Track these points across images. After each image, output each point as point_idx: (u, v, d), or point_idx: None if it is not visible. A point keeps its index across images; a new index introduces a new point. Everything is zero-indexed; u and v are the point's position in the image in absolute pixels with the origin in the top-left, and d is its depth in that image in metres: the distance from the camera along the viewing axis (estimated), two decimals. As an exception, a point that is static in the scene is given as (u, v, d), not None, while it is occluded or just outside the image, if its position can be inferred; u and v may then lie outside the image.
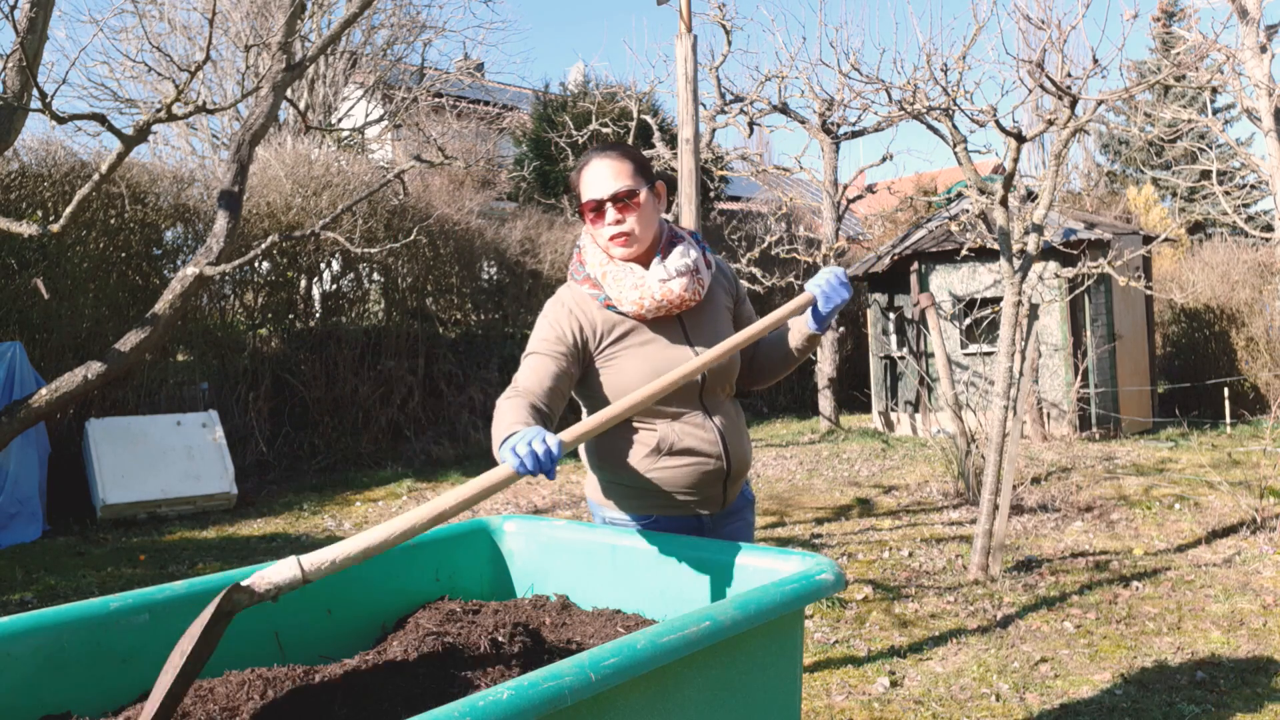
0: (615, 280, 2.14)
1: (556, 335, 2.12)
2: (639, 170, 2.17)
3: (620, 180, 2.14)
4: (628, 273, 2.14)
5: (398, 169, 6.74)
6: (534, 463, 1.70)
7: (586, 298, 2.17)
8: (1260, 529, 5.94)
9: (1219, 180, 12.01)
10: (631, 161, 2.17)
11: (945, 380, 7.40)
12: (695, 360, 2.00)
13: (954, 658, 4.02)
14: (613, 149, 2.20)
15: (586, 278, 2.18)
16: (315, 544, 6.45)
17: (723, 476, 2.19)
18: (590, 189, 2.16)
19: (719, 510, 2.24)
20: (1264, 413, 11.76)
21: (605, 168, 2.15)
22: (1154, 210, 20.68)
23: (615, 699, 1.43)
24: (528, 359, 2.12)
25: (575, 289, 2.20)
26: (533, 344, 2.14)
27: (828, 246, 12.16)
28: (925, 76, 6.15)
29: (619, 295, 2.13)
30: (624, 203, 2.14)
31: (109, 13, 18.91)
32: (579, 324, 2.14)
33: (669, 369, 2.04)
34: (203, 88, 14.27)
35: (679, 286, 2.12)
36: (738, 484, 2.27)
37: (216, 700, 1.57)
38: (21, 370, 6.79)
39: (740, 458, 2.23)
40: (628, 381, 2.10)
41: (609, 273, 2.15)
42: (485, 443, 10.49)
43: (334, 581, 2.02)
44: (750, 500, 2.40)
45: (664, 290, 2.11)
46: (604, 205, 2.14)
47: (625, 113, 12.24)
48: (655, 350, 2.14)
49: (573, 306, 2.16)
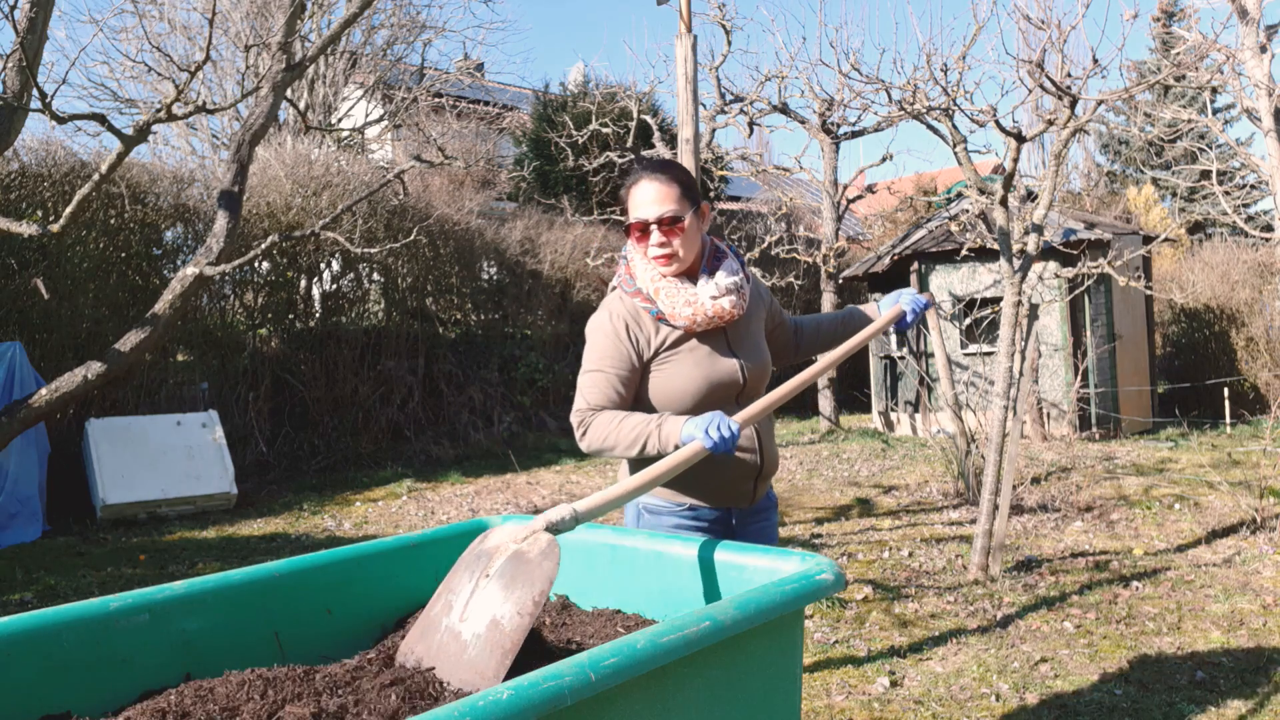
0: (669, 296, 2.26)
1: (619, 351, 2.26)
2: (685, 193, 2.28)
3: (666, 205, 2.25)
4: (680, 290, 2.27)
5: (398, 169, 6.74)
6: (724, 442, 2.00)
7: (640, 310, 2.29)
8: (1260, 529, 5.94)
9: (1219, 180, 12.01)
10: (679, 185, 2.28)
11: (945, 380, 7.40)
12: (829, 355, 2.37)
13: (954, 658, 4.02)
14: (662, 170, 2.30)
15: (638, 291, 2.30)
16: (315, 544, 6.45)
17: (755, 474, 2.36)
18: (637, 209, 2.27)
19: (748, 506, 2.40)
20: (1264, 413, 11.76)
21: (653, 190, 2.26)
22: (1154, 210, 20.68)
23: (615, 699, 1.43)
24: (593, 375, 2.26)
25: (627, 301, 2.31)
26: (594, 361, 2.27)
27: (828, 246, 12.16)
28: (925, 76, 6.15)
29: (672, 310, 2.25)
30: (669, 227, 2.25)
31: (109, 13, 18.91)
32: (635, 337, 2.27)
33: (716, 377, 2.27)
34: (203, 88, 14.27)
35: (728, 303, 2.28)
36: (766, 483, 2.43)
37: (216, 700, 1.57)
38: (21, 370, 6.79)
39: (771, 458, 2.41)
40: (676, 387, 2.26)
41: (662, 289, 2.27)
42: (485, 442, 10.50)
43: (334, 581, 2.02)
44: (774, 501, 2.55)
45: (715, 306, 2.26)
46: (649, 226, 2.26)
47: (625, 113, 12.24)
48: (703, 358, 2.28)
49: (628, 320, 2.28)
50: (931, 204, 13.92)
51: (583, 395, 2.25)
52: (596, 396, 2.23)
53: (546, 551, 1.72)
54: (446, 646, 1.68)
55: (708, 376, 2.27)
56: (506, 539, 1.79)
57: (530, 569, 1.69)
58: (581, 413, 2.24)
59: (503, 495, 8.09)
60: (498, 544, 1.79)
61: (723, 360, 2.30)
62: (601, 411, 2.21)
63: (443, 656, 1.67)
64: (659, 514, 2.35)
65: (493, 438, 10.64)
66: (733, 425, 2.04)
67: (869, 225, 19.49)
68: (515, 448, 10.32)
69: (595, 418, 2.20)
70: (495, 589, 1.69)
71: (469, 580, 1.75)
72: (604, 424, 2.18)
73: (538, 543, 1.74)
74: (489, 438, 10.62)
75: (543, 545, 1.73)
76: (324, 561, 2.03)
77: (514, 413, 11.23)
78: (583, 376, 2.28)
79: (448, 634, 1.70)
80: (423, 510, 7.64)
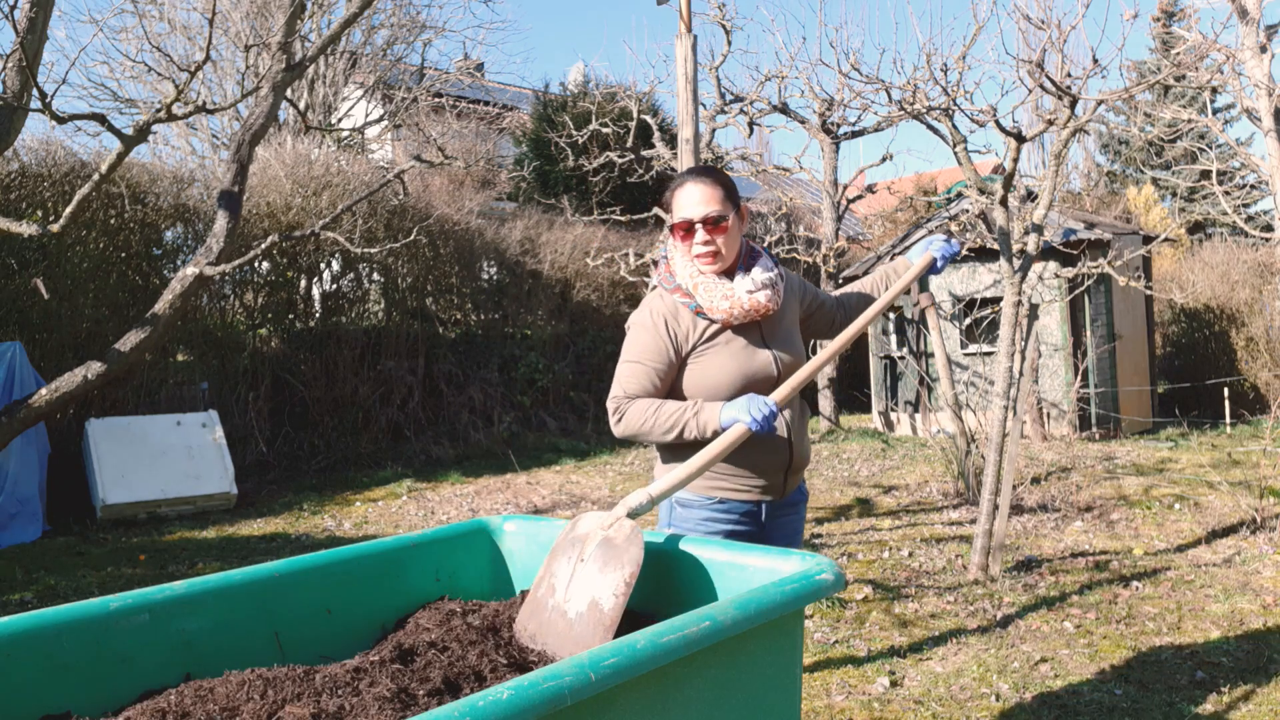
0: (707, 291, 2.39)
1: (659, 345, 2.38)
2: (728, 196, 2.43)
3: (711, 205, 2.39)
4: (718, 285, 2.40)
5: (398, 169, 6.74)
6: (766, 421, 2.18)
7: (679, 305, 2.41)
8: (1260, 529, 5.94)
9: (1219, 180, 12.01)
10: (722, 188, 2.42)
11: (945, 380, 7.40)
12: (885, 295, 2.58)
13: (954, 658, 4.02)
14: (706, 174, 2.45)
15: (677, 287, 2.42)
16: (315, 544, 6.45)
17: (785, 465, 2.45)
18: (683, 209, 2.41)
19: (779, 499, 2.48)
20: (1264, 413, 11.75)
21: (699, 192, 2.40)
22: (1154, 210, 20.68)
23: (615, 699, 1.43)
24: (632, 366, 2.39)
25: (668, 298, 2.43)
26: (634, 353, 2.40)
27: (828, 246, 12.16)
28: (925, 76, 6.15)
29: (710, 304, 2.38)
30: (714, 226, 2.39)
31: (109, 13, 18.90)
32: (674, 332, 2.39)
33: (751, 369, 2.38)
34: (203, 88, 14.26)
35: (764, 297, 2.40)
36: (797, 476, 2.52)
37: (216, 700, 1.57)
38: (21, 370, 6.79)
39: (802, 451, 2.49)
40: (712, 379, 2.37)
41: (700, 284, 2.40)
42: (485, 442, 10.50)
43: (334, 581, 2.02)
44: (804, 495, 2.65)
45: (751, 300, 2.39)
46: (694, 226, 2.39)
47: (625, 113, 12.24)
48: (739, 350, 2.40)
49: (668, 316, 2.40)
50: (931, 204, 13.92)
51: (620, 384, 2.38)
52: (633, 386, 2.36)
53: (631, 537, 1.94)
54: (555, 624, 1.91)
55: (743, 368, 2.37)
56: (595, 526, 2.01)
57: (619, 554, 1.92)
58: (618, 399, 2.36)
59: (503, 495, 8.09)
60: (588, 531, 2.01)
61: (758, 353, 2.41)
62: (637, 399, 2.34)
63: (552, 633, 1.90)
64: (690, 507, 2.42)
65: (493, 438, 10.64)
66: (770, 403, 2.20)
67: (869, 225, 19.49)
68: (515, 448, 10.32)
69: (631, 405, 2.34)
70: (592, 572, 1.93)
71: (567, 564, 1.98)
72: (640, 410, 2.32)
73: (622, 529, 1.96)
74: (489, 438, 10.62)
75: (627, 531, 1.95)
76: (324, 561, 2.03)
77: (514, 413, 11.23)
78: (621, 366, 2.40)
79: (555, 612, 1.92)
80: (423, 510, 7.64)
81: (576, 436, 11.28)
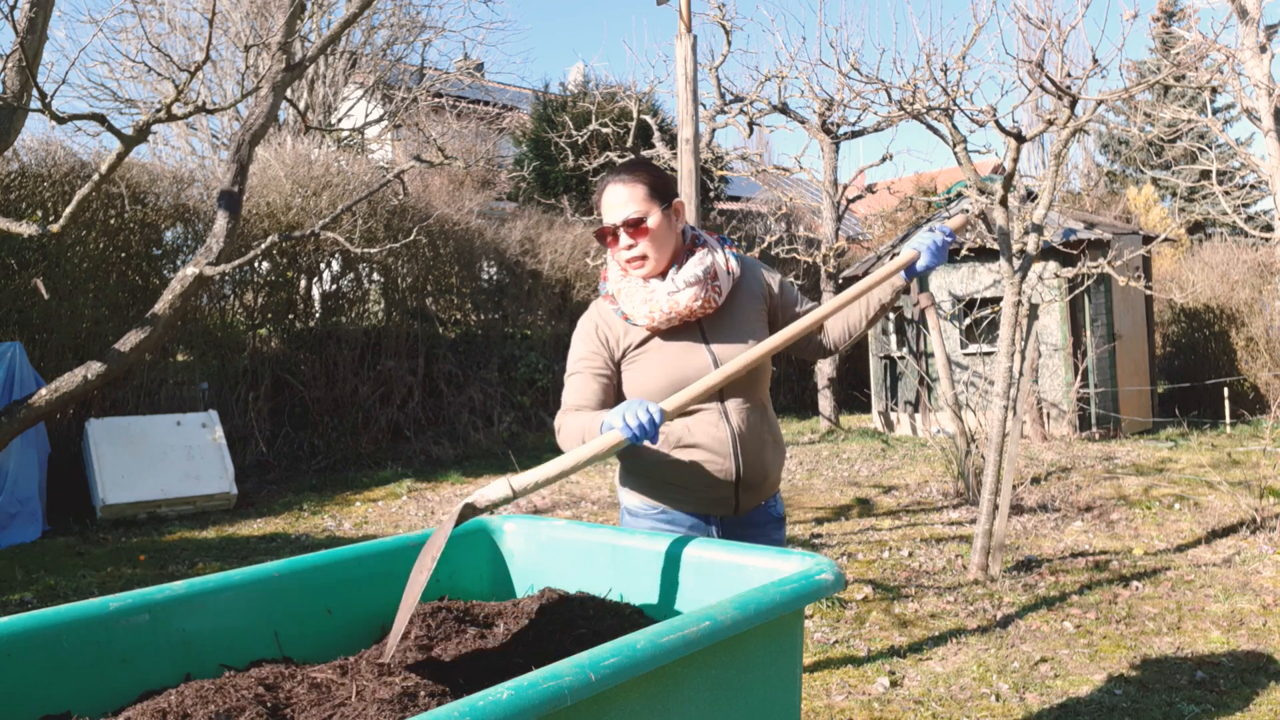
0: (627, 296, 2.25)
1: (591, 350, 2.26)
2: (652, 193, 2.22)
3: (630, 206, 2.21)
4: (638, 289, 2.24)
5: (398, 169, 6.74)
6: (641, 430, 1.88)
7: (609, 312, 2.29)
8: (1260, 529, 5.94)
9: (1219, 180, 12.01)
10: (644, 185, 2.22)
11: (945, 380, 7.40)
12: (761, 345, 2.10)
13: (954, 658, 4.02)
14: (626, 172, 2.25)
15: (608, 294, 2.30)
16: (315, 544, 6.45)
17: (732, 480, 2.24)
18: (605, 214, 2.24)
19: (730, 515, 2.30)
20: (1264, 413, 11.75)
21: (617, 193, 2.22)
22: (1154, 210, 20.68)
23: (615, 699, 1.43)
24: (571, 379, 2.27)
25: (601, 304, 2.32)
26: (572, 364, 2.29)
27: (827, 246, 12.16)
28: (925, 76, 6.15)
29: (631, 310, 2.24)
30: (634, 229, 2.21)
31: (109, 13, 18.90)
32: (605, 337, 2.27)
33: (685, 372, 2.18)
34: (203, 88, 14.26)
35: (687, 298, 2.20)
36: (754, 493, 2.30)
37: (216, 700, 1.57)
38: (21, 370, 6.79)
39: (755, 466, 2.26)
40: (644, 386, 2.22)
41: (622, 289, 2.26)
42: (485, 442, 10.50)
43: (334, 581, 2.02)
44: (777, 517, 2.40)
45: (670, 303, 2.19)
46: (618, 230, 2.22)
47: (625, 113, 12.24)
48: (671, 356, 2.23)
49: (599, 322, 2.29)
50: (931, 204, 13.92)
51: (563, 398, 2.27)
52: (571, 396, 2.24)
53: (443, 525, 1.84)
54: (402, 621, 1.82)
55: (673, 374, 2.19)
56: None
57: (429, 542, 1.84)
58: (559, 416, 2.22)
59: (503, 495, 8.08)
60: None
61: (695, 353, 2.22)
62: (571, 412, 2.18)
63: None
64: (637, 516, 2.33)
65: (493, 438, 10.64)
66: (653, 410, 1.90)
67: (869, 225, 19.49)
68: (515, 448, 10.32)
69: (565, 420, 2.17)
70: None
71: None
72: (569, 427, 2.14)
73: (447, 518, 1.86)
74: (489, 438, 10.62)
75: (447, 519, 1.85)
76: (324, 561, 2.03)
77: (514, 413, 11.24)
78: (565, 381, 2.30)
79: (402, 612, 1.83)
80: (423, 510, 7.64)
81: (576, 436, 11.28)
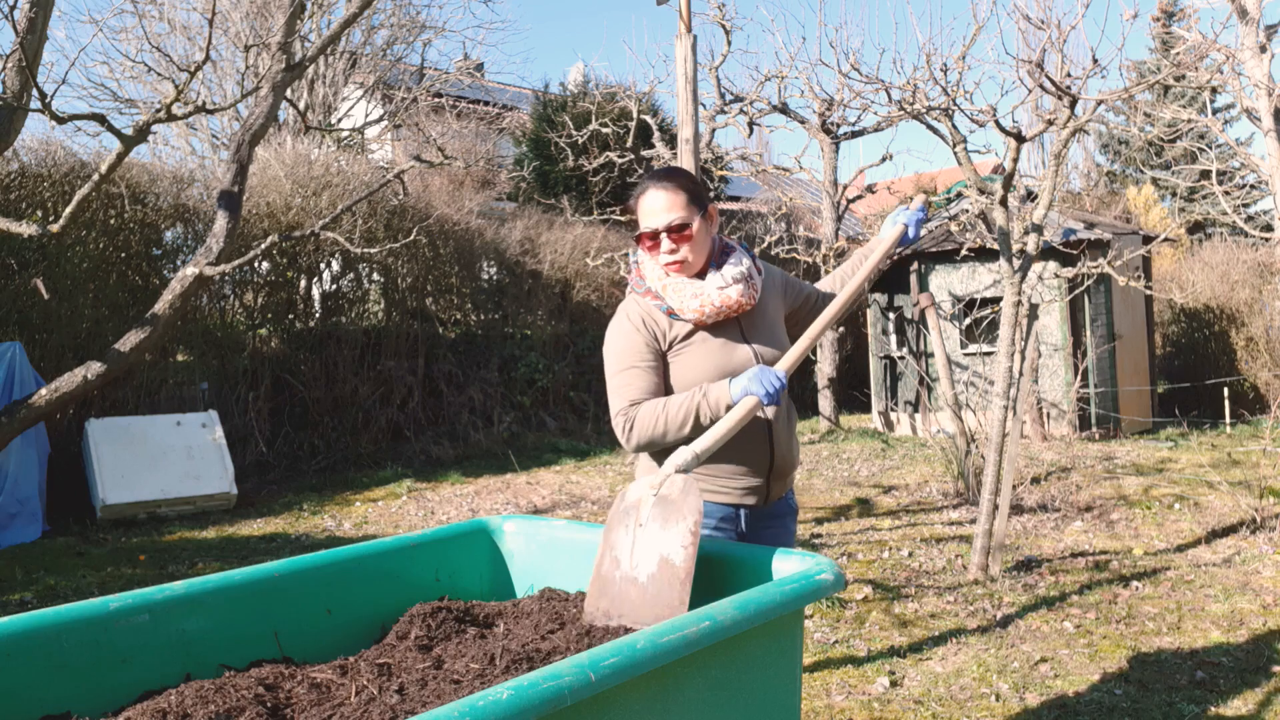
0: (676, 291, 2.31)
1: (643, 343, 2.30)
2: (692, 200, 2.32)
3: (673, 213, 2.29)
4: (687, 284, 2.31)
5: (398, 169, 6.74)
6: (776, 393, 2.11)
7: (652, 308, 2.33)
8: (1260, 529, 5.94)
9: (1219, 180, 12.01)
10: (685, 192, 2.31)
11: (945, 380, 7.40)
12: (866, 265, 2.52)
13: (954, 658, 4.02)
14: (668, 178, 2.34)
15: (648, 290, 2.34)
16: (315, 544, 6.45)
17: (765, 468, 2.33)
18: (646, 219, 2.32)
19: (761, 505, 2.37)
20: (1264, 413, 11.75)
21: (660, 199, 2.30)
22: (1154, 210, 20.68)
23: (615, 699, 1.43)
24: (622, 374, 2.29)
25: (640, 301, 2.35)
26: (621, 361, 2.30)
27: (827, 246, 12.15)
28: (925, 76, 6.15)
29: (680, 305, 2.29)
30: (678, 233, 2.29)
31: (109, 13, 18.91)
32: (651, 333, 2.31)
33: (730, 366, 2.29)
34: (203, 88, 14.26)
35: (735, 293, 2.31)
36: (781, 482, 2.40)
37: (216, 700, 1.57)
38: (21, 370, 6.79)
39: (785, 456, 2.38)
40: (691, 379, 2.29)
41: (669, 285, 2.32)
42: (485, 442, 10.50)
43: (334, 581, 2.02)
44: (793, 509, 2.51)
45: (722, 297, 2.29)
46: (659, 235, 2.30)
47: (625, 113, 12.24)
48: (716, 349, 2.31)
49: (643, 317, 2.32)
50: (931, 204, 13.91)
51: (618, 397, 2.26)
52: (632, 391, 2.25)
53: (685, 489, 1.93)
54: (628, 594, 1.89)
55: (720, 366, 2.28)
56: (644, 490, 2.00)
57: (678, 507, 1.91)
58: (623, 412, 2.23)
59: (503, 495, 8.09)
60: (638, 497, 2.00)
61: (737, 350, 2.32)
62: (641, 404, 2.23)
63: (627, 604, 1.88)
64: None
65: (493, 438, 10.63)
66: (780, 375, 2.14)
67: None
68: (515, 448, 10.32)
69: (637, 411, 2.22)
70: (654, 531, 1.91)
71: (626, 534, 1.97)
72: (648, 414, 2.20)
73: (675, 484, 1.96)
74: (489, 438, 10.61)
75: (680, 485, 1.95)
76: (324, 561, 2.03)
77: (514, 413, 11.23)
78: (611, 382, 2.29)
79: (625, 583, 1.90)
80: (423, 510, 7.64)
81: (576, 436, 11.28)
